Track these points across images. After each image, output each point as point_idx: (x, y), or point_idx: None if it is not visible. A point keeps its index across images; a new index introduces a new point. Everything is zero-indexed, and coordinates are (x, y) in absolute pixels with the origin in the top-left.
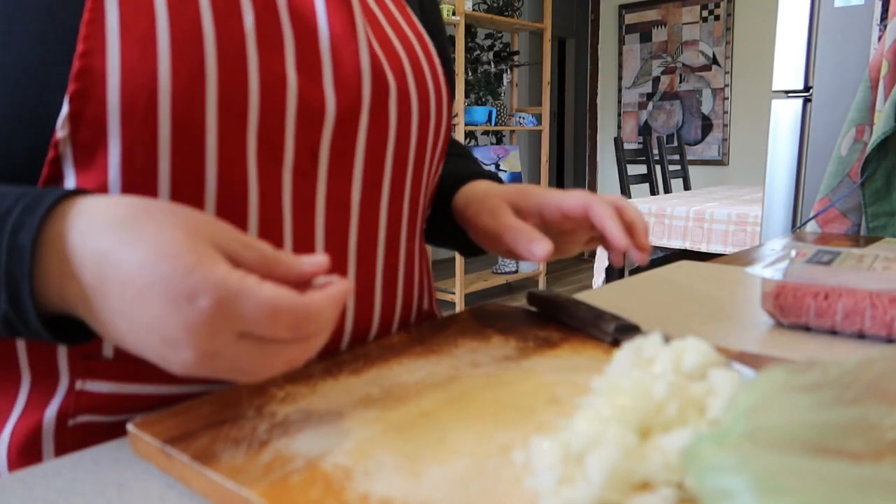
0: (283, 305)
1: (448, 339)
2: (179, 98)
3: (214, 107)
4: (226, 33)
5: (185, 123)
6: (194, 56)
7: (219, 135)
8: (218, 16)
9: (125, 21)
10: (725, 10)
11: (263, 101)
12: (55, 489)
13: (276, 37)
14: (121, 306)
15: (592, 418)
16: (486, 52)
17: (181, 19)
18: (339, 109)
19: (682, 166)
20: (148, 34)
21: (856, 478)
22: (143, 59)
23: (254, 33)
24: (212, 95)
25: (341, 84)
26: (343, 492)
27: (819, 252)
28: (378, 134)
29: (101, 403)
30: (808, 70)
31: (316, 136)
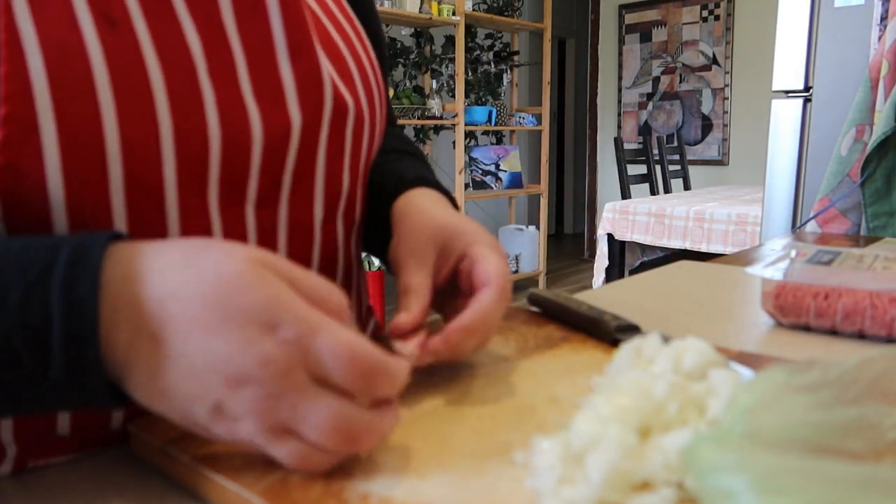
0: (361, 350)
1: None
2: (131, 150)
3: (171, 153)
4: (173, 67)
5: (140, 175)
6: (142, 99)
7: (178, 188)
8: (161, 47)
9: (52, 70)
10: (725, 10)
11: (225, 142)
12: (55, 489)
13: (228, 61)
14: (183, 348)
15: (592, 418)
16: (486, 52)
17: (120, 58)
18: (303, 131)
19: (682, 166)
20: (83, 82)
21: (856, 478)
22: (83, 116)
23: (204, 62)
24: (167, 141)
25: (304, 101)
26: (343, 492)
27: (819, 252)
28: (335, 150)
29: None
30: (808, 70)
31: (280, 164)
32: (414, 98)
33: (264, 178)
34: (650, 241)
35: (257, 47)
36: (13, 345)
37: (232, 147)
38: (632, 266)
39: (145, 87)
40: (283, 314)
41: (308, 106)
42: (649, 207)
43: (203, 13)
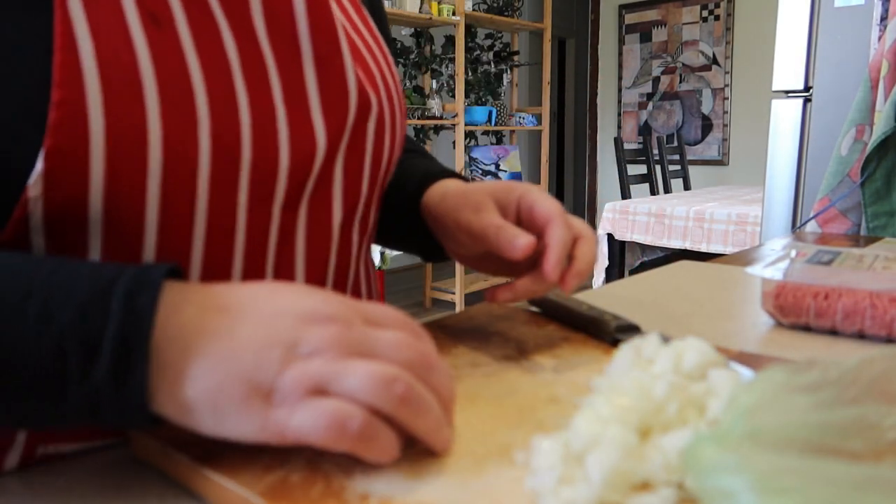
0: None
1: (448, 339)
2: (171, 148)
3: (208, 154)
4: (212, 69)
5: (176, 174)
6: (184, 99)
7: (210, 182)
8: (201, 49)
9: (103, 61)
10: (725, 10)
11: (256, 143)
12: (55, 489)
13: (261, 66)
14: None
15: (592, 418)
16: (486, 52)
17: (165, 58)
18: (329, 136)
19: (682, 166)
20: (130, 73)
21: (856, 478)
22: (129, 104)
23: (239, 66)
24: (205, 142)
25: (329, 108)
26: (343, 492)
27: (819, 252)
28: (356, 154)
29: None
30: (808, 70)
31: (307, 168)
32: (414, 98)
33: (292, 180)
34: (650, 241)
35: (285, 52)
36: (64, 345)
37: (263, 149)
38: (632, 266)
39: (187, 85)
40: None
41: (334, 112)
42: (649, 207)
43: (237, 17)
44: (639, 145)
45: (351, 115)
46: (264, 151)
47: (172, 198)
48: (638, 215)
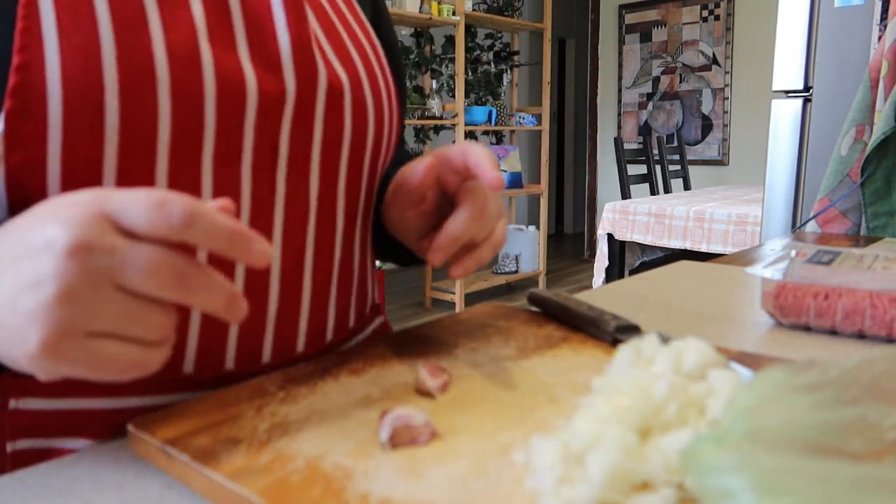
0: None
1: (448, 339)
2: (128, 108)
3: (168, 111)
4: (174, 30)
5: (134, 133)
6: (142, 58)
7: (171, 142)
8: (164, 11)
9: (63, 27)
10: (725, 10)
11: (220, 98)
12: (55, 489)
13: (227, 27)
14: None
15: (592, 418)
16: (486, 52)
17: (124, 19)
18: (298, 97)
19: (682, 166)
20: (90, 39)
21: (856, 478)
22: (87, 69)
23: (204, 26)
24: (164, 100)
25: (299, 70)
26: (343, 492)
27: (819, 252)
28: (334, 130)
29: (38, 423)
30: (808, 70)
31: (276, 128)
32: (414, 98)
33: (259, 142)
34: (650, 241)
35: (256, 14)
36: None
37: (225, 102)
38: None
39: (146, 49)
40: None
41: (302, 75)
42: (649, 207)
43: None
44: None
45: (322, 82)
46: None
47: (130, 158)
48: (638, 215)
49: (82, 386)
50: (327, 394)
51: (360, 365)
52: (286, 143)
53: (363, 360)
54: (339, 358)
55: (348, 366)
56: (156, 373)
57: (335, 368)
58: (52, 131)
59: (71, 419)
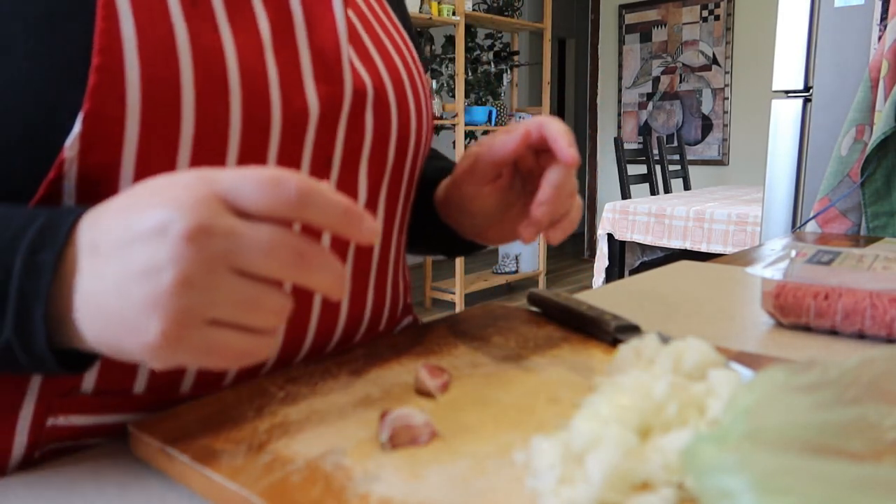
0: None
1: (448, 339)
2: (202, 115)
3: (238, 123)
4: (244, 43)
5: (208, 141)
6: (217, 69)
7: (240, 152)
8: (233, 19)
9: (142, 31)
10: (725, 10)
11: (286, 117)
12: (55, 489)
13: (291, 39)
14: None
15: (592, 418)
16: (486, 52)
17: (198, 27)
18: (352, 109)
19: (682, 166)
20: (167, 44)
21: (856, 478)
22: (166, 72)
23: (269, 38)
24: (236, 111)
25: (355, 81)
26: (343, 492)
27: (819, 252)
28: (381, 134)
29: (74, 433)
30: (808, 70)
31: (331, 142)
32: None
33: (317, 153)
34: (650, 241)
35: (317, 20)
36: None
37: (289, 117)
38: (632, 266)
39: (220, 60)
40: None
41: (356, 83)
42: (649, 207)
43: None
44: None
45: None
46: (291, 122)
47: (202, 164)
48: (638, 215)
49: (129, 401)
50: (327, 394)
51: (360, 365)
52: (339, 153)
53: (363, 360)
54: (339, 358)
55: (348, 366)
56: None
57: (335, 368)
58: (128, 134)
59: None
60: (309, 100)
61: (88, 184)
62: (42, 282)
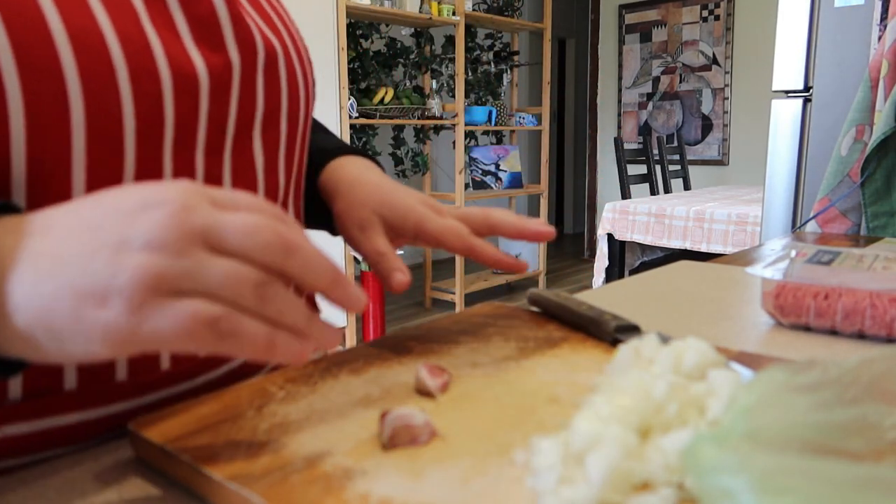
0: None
1: (448, 339)
2: (93, 96)
3: (130, 102)
4: (118, 16)
5: (101, 121)
6: (96, 45)
7: (137, 132)
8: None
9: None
10: (725, 10)
11: (176, 86)
12: (55, 489)
13: (165, 11)
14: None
15: (592, 418)
16: (486, 52)
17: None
18: (242, 70)
19: (682, 166)
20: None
21: (856, 478)
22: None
23: (144, 8)
24: (126, 90)
25: (239, 42)
26: (343, 492)
27: (819, 252)
28: (272, 99)
29: (19, 445)
30: (808, 70)
31: (225, 109)
32: (414, 98)
33: (212, 123)
34: (650, 241)
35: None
36: None
37: (182, 89)
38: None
39: (97, 32)
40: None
41: (243, 48)
42: (649, 207)
43: None
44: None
45: (260, 52)
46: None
47: (99, 148)
48: (638, 215)
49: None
50: (327, 394)
51: (360, 365)
52: (233, 121)
53: (363, 359)
54: (339, 358)
55: (348, 366)
56: None
57: (335, 368)
58: (14, 129)
59: (55, 435)
60: (197, 66)
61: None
62: None
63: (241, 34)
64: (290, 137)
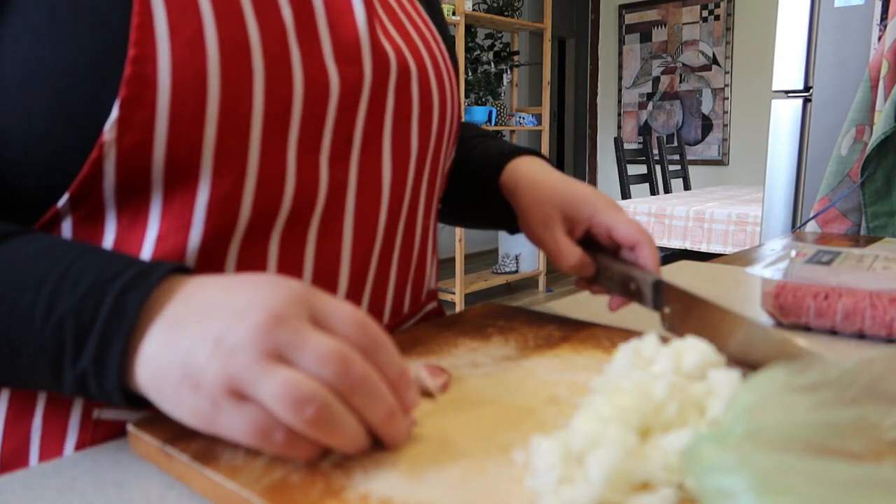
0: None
1: (448, 339)
2: (228, 99)
3: (261, 105)
4: (268, 29)
5: (232, 123)
6: (242, 56)
7: (263, 131)
8: (259, 12)
9: (173, 23)
10: (725, 10)
11: (307, 95)
12: (55, 489)
13: (313, 27)
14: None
15: (592, 418)
16: (486, 52)
17: (226, 19)
18: (373, 84)
19: (682, 166)
20: (196, 36)
21: (856, 478)
22: (194, 63)
23: (293, 26)
24: (258, 94)
25: (375, 63)
26: (343, 492)
27: (819, 252)
28: (403, 115)
29: (113, 432)
30: (808, 70)
31: (352, 120)
32: None
33: (337, 133)
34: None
35: (336, 10)
36: (63, 330)
37: (311, 98)
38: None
39: (245, 44)
40: None
41: (376, 65)
42: (649, 207)
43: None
44: (639, 145)
45: (393, 69)
46: (312, 102)
47: (227, 142)
48: (638, 215)
49: None
50: None
51: None
52: (360, 132)
53: None
54: None
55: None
56: None
57: None
58: (159, 118)
59: None
60: (330, 77)
61: (125, 163)
62: (126, 320)
63: (377, 54)
64: (420, 150)
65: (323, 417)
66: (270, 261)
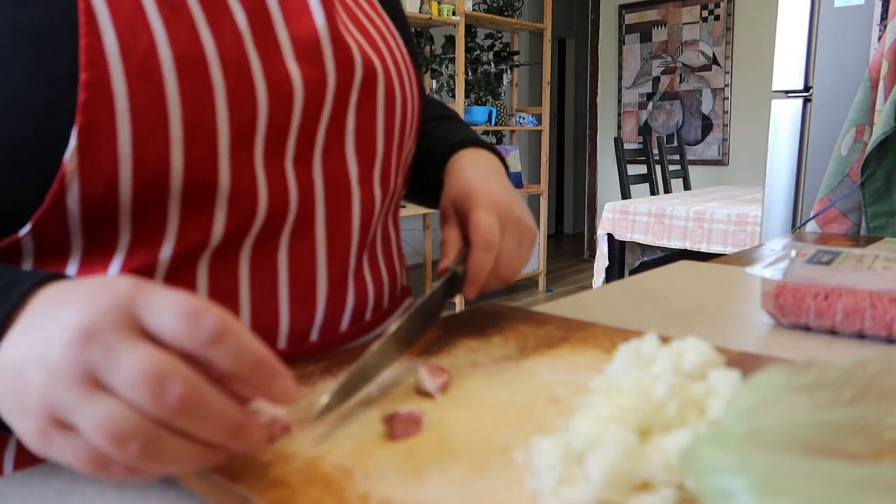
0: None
1: (448, 339)
2: (190, 116)
3: (226, 118)
4: (224, 38)
5: (197, 139)
6: (199, 69)
7: (231, 144)
8: (212, 21)
9: (124, 42)
10: (725, 10)
11: (272, 102)
12: (55, 489)
13: (270, 29)
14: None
15: (592, 418)
16: (486, 52)
17: (178, 32)
18: (337, 88)
19: (682, 166)
20: (150, 53)
21: (856, 478)
22: (150, 82)
23: (248, 31)
24: (221, 107)
25: (337, 58)
26: (343, 492)
27: (819, 252)
28: (367, 114)
29: None
30: (808, 70)
31: (315, 121)
32: None
33: (301, 133)
34: (650, 241)
35: (294, 10)
36: None
37: (276, 107)
38: (632, 266)
39: (201, 58)
40: None
41: (340, 65)
42: (649, 207)
43: None
44: (639, 145)
45: (358, 70)
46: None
47: (195, 157)
48: (638, 215)
49: None
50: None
51: None
52: (323, 132)
53: None
54: (340, 358)
55: (348, 365)
56: None
57: (335, 368)
58: (121, 143)
59: None
60: (293, 80)
61: (90, 195)
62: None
63: (339, 52)
64: (386, 151)
65: (149, 452)
66: (242, 272)
